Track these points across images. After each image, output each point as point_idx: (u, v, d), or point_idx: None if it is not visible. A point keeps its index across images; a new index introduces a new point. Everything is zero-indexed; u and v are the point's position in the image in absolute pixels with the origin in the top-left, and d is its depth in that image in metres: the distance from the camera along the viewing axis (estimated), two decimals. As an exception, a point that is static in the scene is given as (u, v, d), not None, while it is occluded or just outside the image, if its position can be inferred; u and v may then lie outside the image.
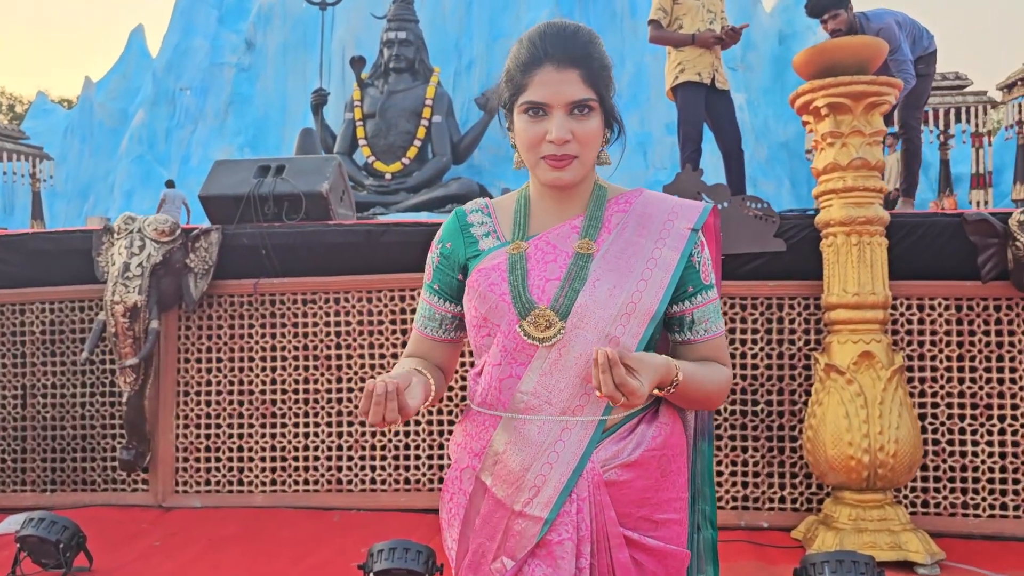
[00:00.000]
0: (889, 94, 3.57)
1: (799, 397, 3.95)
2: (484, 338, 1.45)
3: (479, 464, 1.44)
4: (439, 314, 1.56)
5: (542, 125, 1.38)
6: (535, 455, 1.38)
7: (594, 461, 1.38)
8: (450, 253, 1.53)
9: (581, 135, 1.38)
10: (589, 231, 1.44)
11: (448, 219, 1.57)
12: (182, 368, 4.44)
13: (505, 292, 1.40)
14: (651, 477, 1.41)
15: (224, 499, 4.38)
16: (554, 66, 1.37)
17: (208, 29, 17.10)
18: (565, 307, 1.38)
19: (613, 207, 1.48)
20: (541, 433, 1.39)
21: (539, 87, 1.38)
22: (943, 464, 3.86)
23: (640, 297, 1.40)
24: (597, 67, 1.40)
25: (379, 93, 12.73)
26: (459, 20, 15.78)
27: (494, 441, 1.42)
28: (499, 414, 1.42)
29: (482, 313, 1.43)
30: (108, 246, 4.24)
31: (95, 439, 4.52)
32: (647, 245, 1.44)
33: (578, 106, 1.37)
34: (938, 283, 3.86)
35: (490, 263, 1.45)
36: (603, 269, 1.40)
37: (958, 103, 14.57)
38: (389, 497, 4.26)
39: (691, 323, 1.47)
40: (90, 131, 17.57)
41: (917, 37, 5.16)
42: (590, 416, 1.39)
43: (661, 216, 1.47)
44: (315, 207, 4.49)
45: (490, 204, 1.57)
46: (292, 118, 15.58)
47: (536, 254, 1.44)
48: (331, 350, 4.34)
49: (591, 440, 1.38)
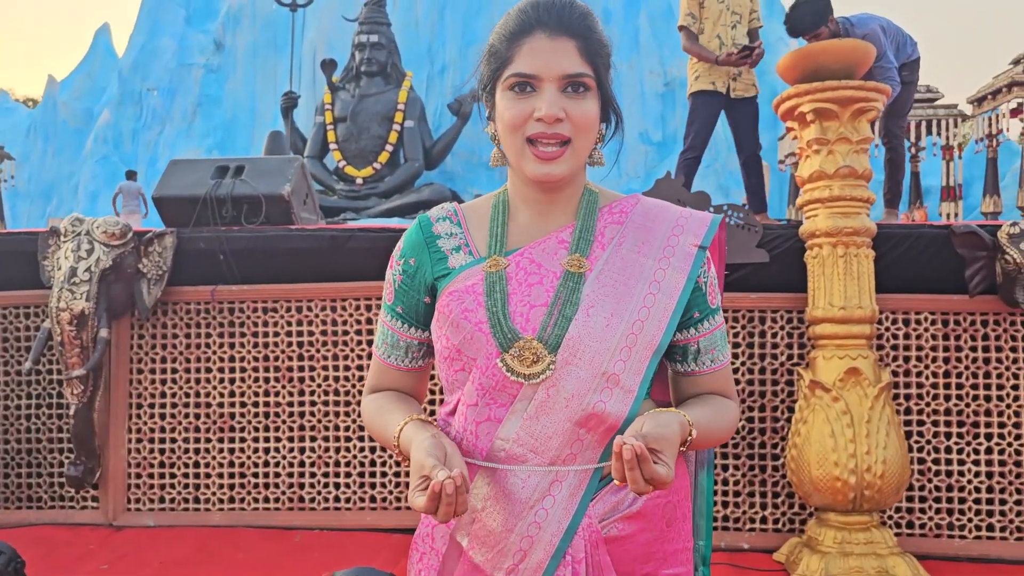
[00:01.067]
0: (877, 100, 3.44)
1: (782, 414, 3.81)
2: (457, 372, 1.23)
3: (455, 521, 1.21)
4: (404, 341, 1.33)
5: (529, 102, 1.17)
6: (520, 513, 1.16)
7: (591, 516, 1.17)
8: (414, 271, 1.29)
9: (576, 116, 1.17)
10: (580, 245, 1.22)
11: (410, 228, 1.33)
12: (135, 379, 4.20)
13: (482, 320, 1.19)
14: (656, 528, 1.22)
15: (179, 517, 4.14)
16: (547, 34, 1.17)
17: (176, 29, 16.79)
18: (555, 338, 1.16)
19: (606, 217, 1.27)
20: (527, 487, 1.17)
21: (528, 57, 1.17)
22: (928, 484, 3.73)
23: (642, 327, 1.19)
24: (596, 42, 1.19)
25: (350, 97, 12.54)
26: (432, 24, 15.63)
27: (471, 495, 1.19)
28: (476, 463, 1.19)
29: (455, 344, 1.21)
30: (55, 249, 4.00)
31: (41, 454, 4.27)
32: (648, 264, 1.23)
33: (573, 83, 1.17)
34: (925, 297, 3.74)
35: (463, 284, 1.23)
36: (598, 293, 1.19)
37: (929, 116, 14.62)
38: (353, 516, 4.05)
39: (696, 353, 1.27)
40: (54, 131, 17.19)
41: (901, 44, 5.07)
42: (584, 464, 1.17)
43: (664, 230, 1.26)
44: (276, 210, 4.28)
45: (459, 210, 1.33)
46: (261, 120, 15.33)
47: (518, 273, 1.22)
48: (293, 361, 4.12)
49: (586, 492, 1.17)
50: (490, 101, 1.25)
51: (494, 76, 1.22)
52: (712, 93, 5.20)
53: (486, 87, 1.25)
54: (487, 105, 1.26)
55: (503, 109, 1.20)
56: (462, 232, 1.29)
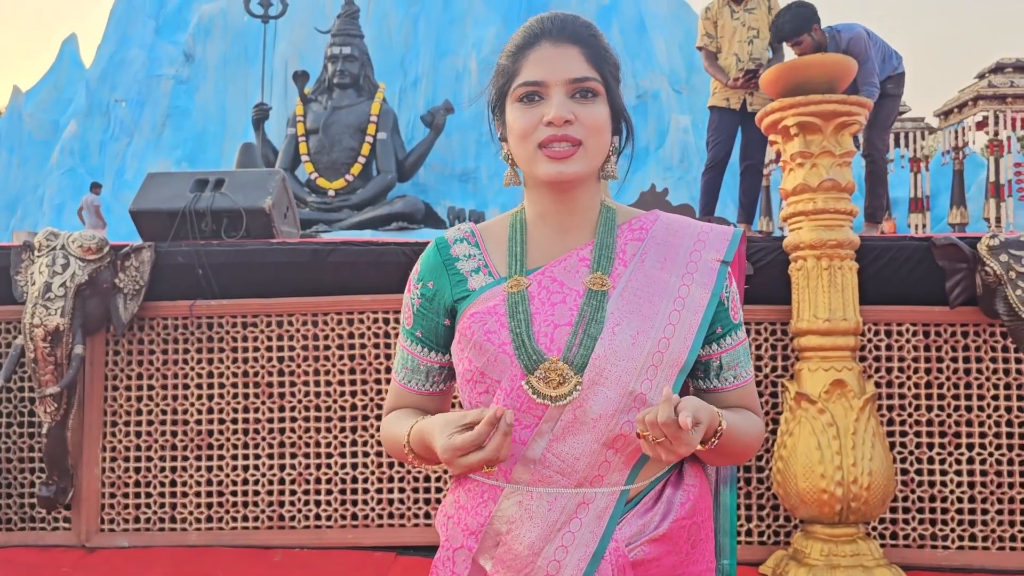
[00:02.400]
0: (859, 114, 3.47)
1: (767, 426, 3.81)
2: (481, 395, 1.21)
3: (476, 545, 1.19)
4: (424, 366, 1.31)
5: (538, 110, 1.17)
6: (547, 535, 1.15)
7: (617, 540, 1.15)
8: (433, 294, 1.28)
9: (586, 118, 1.16)
10: (601, 263, 1.21)
11: (427, 251, 1.31)
12: (109, 397, 4.11)
13: (506, 341, 1.17)
14: (681, 551, 1.20)
15: (155, 538, 4.05)
16: (551, 42, 1.18)
17: (145, 40, 16.63)
18: (581, 358, 1.15)
19: (626, 233, 1.26)
20: (553, 509, 1.15)
21: (533, 65, 1.18)
22: (912, 495, 3.75)
23: (668, 345, 1.17)
24: (601, 49, 1.20)
25: (323, 108, 12.49)
26: (405, 37, 15.63)
27: (495, 518, 1.18)
28: (501, 484, 1.18)
29: (478, 367, 1.19)
30: (28, 264, 3.90)
31: (11, 474, 4.15)
32: (672, 281, 1.21)
33: (580, 89, 1.17)
34: (906, 308, 3.77)
35: (484, 305, 1.21)
36: (623, 311, 1.18)
37: (897, 129, 14.89)
38: (335, 534, 3.98)
39: (719, 369, 1.25)
40: (18, 142, 16.91)
41: (887, 56, 5.13)
42: (611, 487, 1.16)
43: (686, 245, 1.25)
44: (257, 224, 4.22)
45: (476, 231, 1.31)
46: (232, 132, 15.21)
47: (540, 293, 1.20)
48: (273, 377, 4.06)
49: (613, 514, 1.16)
50: (500, 120, 1.25)
51: (502, 92, 1.22)
52: (726, 109, 5.36)
53: (495, 106, 1.25)
54: (497, 126, 1.26)
55: (513, 120, 1.19)
56: (480, 253, 1.28)
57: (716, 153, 5.38)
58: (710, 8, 5.44)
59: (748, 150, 5.42)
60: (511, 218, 1.31)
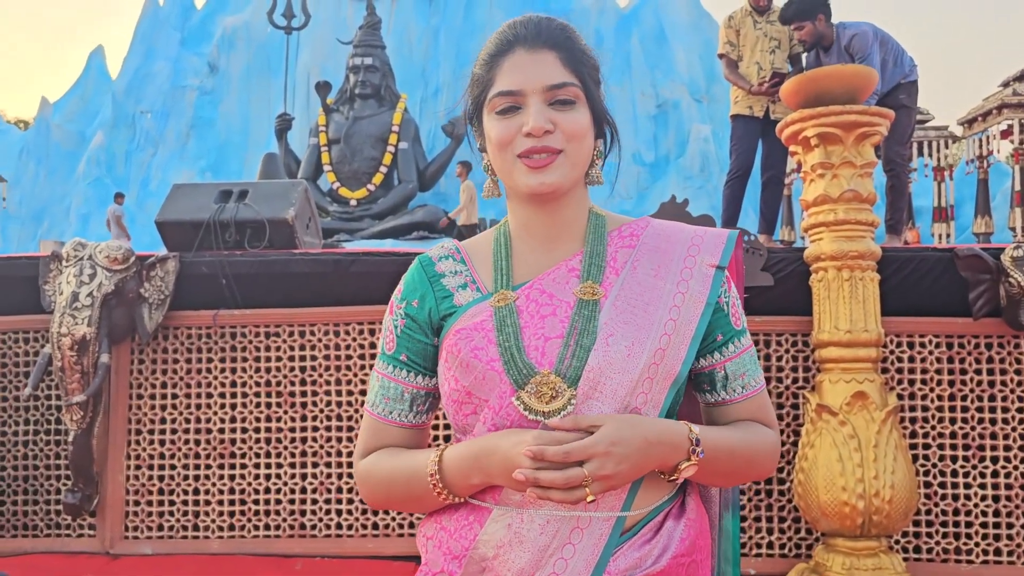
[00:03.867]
0: (881, 125, 3.46)
1: (788, 438, 3.79)
2: (467, 416, 1.15)
3: (459, 570, 1.10)
4: (409, 392, 1.23)
5: (516, 120, 1.12)
6: (537, 562, 1.06)
7: (611, 573, 1.07)
8: (417, 312, 1.21)
9: (566, 126, 1.12)
10: (592, 272, 1.16)
11: (411, 269, 1.26)
12: (134, 405, 4.16)
13: (494, 357, 1.11)
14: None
15: (178, 545, 4.09)
16: (526, 49, 1.13)
17: (170, 51, 16.86)
18: (574, 370, 1.09)
19: (617, 241, 1.21)
20: (545, 533, 1.07)
21: (509, 74, 1.13)
22: (935, 508, 3.71)
23: (664, 355, 1.12)
24: (579, 52, 1.15)
25: (344, 119, 12.58)
26: (426, 47, 15.73)
27: (481, 542, 1.09)
28: (488, 506, 1.11)
29: (464, 386, 1.13)
30: (56, 274, 3.96)
31: (38, 481, 4.21)
32: (666, 288, 1.16)
33: (559, 97, 1.12)
34: (929, 320, 3.74)
35: (471, 321, 1.16)
36: (616, 320, 1.12)
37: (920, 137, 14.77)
38: (355, 543, 4.00)
39: (724, 379, 1.19)
40: (46, 153, 17.19)
41: (898, 58, 5.10)
42: (607, 512, 1.08)
43: (679, 251, 1.20)
44: (279, 234, 4.26)
45: (461, 248, 1.27)
46: (255, 143, 15.36)
47: (529, 305, 1.15)
48: (295, 386, 4.09)
49: (608, 543, 1.08)
50: (479, 130, 1.21)
51: (479, 102, 1.18)
52: (749, 118, 5.38)
53: (472, 117, 1.21)
54: (476, 135, 1.22)
55: (490, 130, 1.16)
56: (467, 269, 1.24)
57: (740, 162, 5.37)
58: (733, 17, 5.46)
59: (769, 160, 5.42)
60: (495, 232, 1.27)
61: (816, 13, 4.92)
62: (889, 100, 5.04)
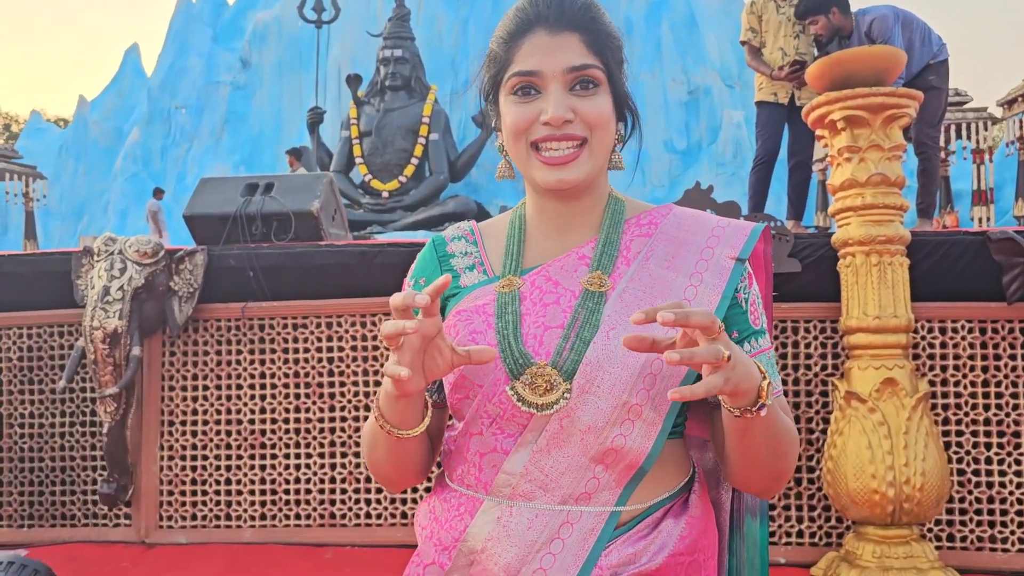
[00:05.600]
0: (909, 106, 3.39)
1: (817, 426, 3.75)
2: (462, 401, 1.11)
3: (449, 563, 1.08)
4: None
5: (534, 105, 1.07)
6: (524, 556, 1.03)
7: (602, 567, 1.03)
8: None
9: (588, 112, 1.06)
10: (603, 262, 1.11)
11: (423, 249, 1.24)
12: (166, 397, 4.22)
13: (491, 343, 1.07)
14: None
15: (211, 534, 4.15)
16: (547, 29, 1.07)
17: (203, 47, 17.04)
18: (571, 363, 1.04)
19: (633, 229, 1.15)
20: (533, 528, 1.04)
21: (528, 55, 1.07)
22: (969, 496, 3.65)
23: None
24: (603, 34, 1.10)
25: (375, 111, 12.62)
26: (455, 38, 15.71)
27: (469, 535, 1.07)
28: (479, 496, 1.08)
29: (460, 370, 1.08)
30: (88, 268, 4.04)
31: (74, 472, 4.30)
32: (679, 281, 1.09)
33: (580, 79, 1.06)
34: (961, 305, 3.67)
35: (472, 303, 1.12)
36: (621, 313, 1.06)
37: (958, 119, 14.51)
38: (385, 532, 4.04)
39: None
40: (84, 150, 17.49)
41: (925, 39, 4.98)
42: (600, 507, 1.05)
43: (698, 242, 1.13)
44: (305, 227, 4.30)
45: (476, 229, 1.24)
46: (287, 136, 15.48)
47: (533, 293, 1.11)
48: (323, 377, 4.13)
49: (600, 538, 1.04)
50: (494, 110, 1.16)
51: (495, 82, 1.13)
52: (773, 104, 5.33)
53: (488, 96, 1.16)
54: (492, 116, 1.17)
55: (506, 114, 1.10)
56: (477, 251, 1.21)
57: (765, 149, 5.33)
58: (755, 2, 5.39)
59: (796, 145, 5.36)
60: (511, 215, 1.23)
61: (829, 7, 4.84)
62: (918, 81, 4.93)
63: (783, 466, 1.08)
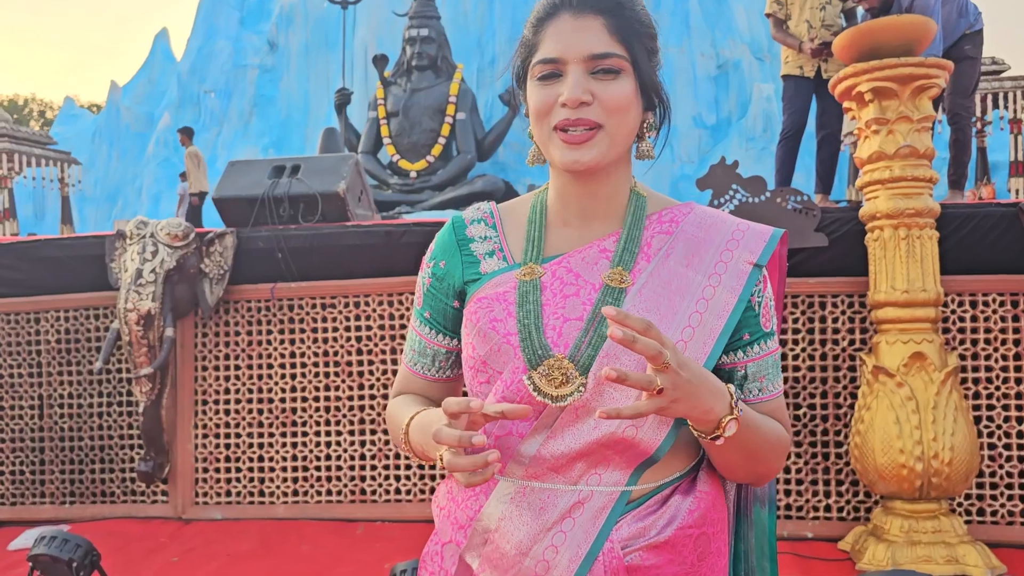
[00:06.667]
0: (938, 76, 3.34)
1: (844, 400, 3.74)
2: (482, 385, 1.13)
3: (465, 540, 1.11)
4: (431, 349, 1.24)
5: (555, 88, 1.07)
6: (537, 535, 1.06)
7: (613, 540, 1.05)
8: (444, 274, 1.20)
9: (605, 98, 1.06)
10: (624, 257, 1.11)
11: (443, 229, 1.25)
12: (199, 376, 4.31)
13: (512, 331, 1.09)
14: (686, 562, 1.08)
15: (245, 511, 4.24)
16: (571, 13, 1.08)
17: (231, 31, 17.12)
18: (588, 358, 1.06)
19: (655, 225, 1.16)
20: (547, 507, 1.07)
21: (551, 40, 1.08)
22: (1000, 470, 3.62)
23: (684, 349, 1.07)
24: (629, 18, 1.09)
25: (402, 91, 12.61)
26: (481, 16, 15.63)
27: (484, 514, 1.09)
28: (496, 477, 1.10)
29: (481, 355, 1.11)
30: (121, 252, 4.11)
31: (113, 450, 4.41)
32: (697, 280, 1.11)
33: (602, 66, 1.06)
34: (992, 278, 3.63)
35: (493, 291, 1.13)
36: (640, 310, 1.08)
37: (995, 88, 14.17)
38: (415, 508, 4.10)
39: (744, 379, 1.14)
40: (117, 135, 17.71)
41: (962, 9, 4.89)
42: (611, 486, 1.07)
43: (717, 243, 1.14)
44: (332, 208, 4.34)
45: (496, 212, 1.23)
46: (315, 118, 15.54)
47: (553, 284, 1.12)
48: (352, 356, 4.18)
49: (611, 514, 1.06)
50: (524, 94, 1.16)
51: (524, 67, 1.14)
52: (799, 78, 5.27)
53: (519, 80, 1.17)
54: (524, 100, 1.17)
55: (530, 97, 1.11)
56: (497, 236, 1.20)
57: (792, 123, 5.27)
58: None
59: (824, 119, 5.29)
60: (533, 199, 1.23)
61: None
62: (954, 52, 4.84)
63: (763, 470, 1.13)
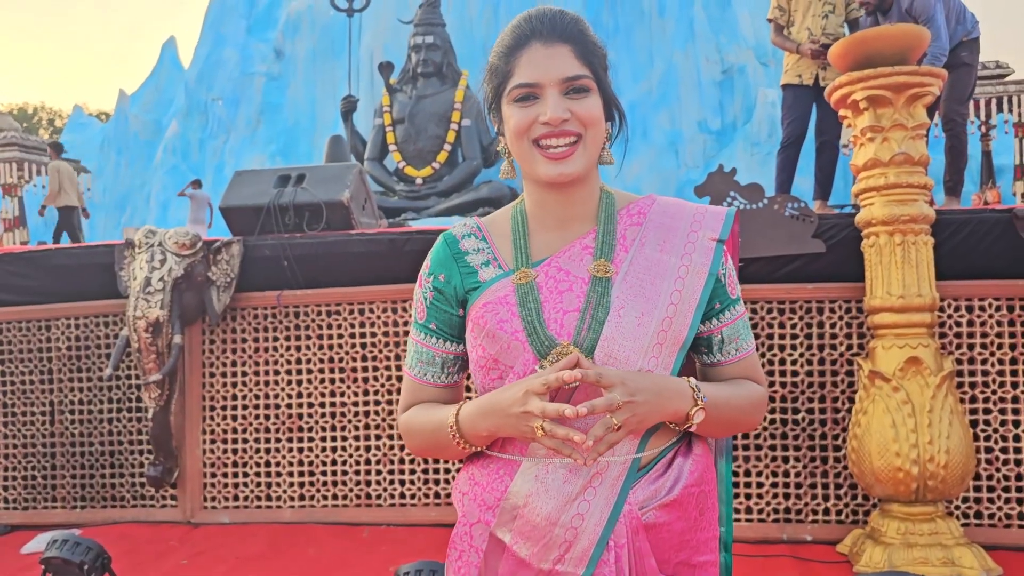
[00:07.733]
0: (932, 85, 3.39)
1: (842, 405, 3.78)
2: (494, 381, 1.27)
3: (493, 519, 1.24)
4: (439, 357, 1.35)
5: (534, 109, 1.22)
6: (564, 505, 1.20)
7: (631, 503, 1.21)
8: (444, 286, 1.32)
9: (582, 113, 1.21)
10: (604, 250, 1.26)
11: (436, 246, 1.37)
12: (207, 383, 4.38)
13: (518, 329, 1.23)
14: (690, 517, 1.26)
15: (252, 515, 4.31)
16: (542, 43, 1.22)
17: (238, 39, 17.22)
18: (590, 341, 1.21)
19: (625, 219, 1.31)
20: (568, 482, 1.21)
21: (527, 67, 1.22)
22: (996, 473, 3.66)
23: (671, 324, 1.24)
24: (590, 44, 1.25)
25: (408, 98, 12.67)
26: (486, 23, 15.71)
27: (511, 492, 1.23)
28: (517, 458, 1.24)
29: (491, 354, 1.25)
30: (130, 260, 4.19)
31: (123, 455, 4.48)
32: (672, 262, 1.27)
33: (574, 87, 1.21)
34: (988, 283, 3.67)
35: (495, 296, 1.27)
36: (627, 294, 1.24)
37: (999, 92, 14.18)
38: (419, 512, 4.16)
39: (721, 343, 1.31)
40: (125, 143, 17.81)
41: (960, 16, 4.93)
42: (624, 455, 1.22)
43: (683, 227, 1.30)
44: (336, 216, 4.41)
45: (482, 226, 1.37)
46: (322, 125, 15.63)
47: (547, 282, 1.26)
48: (357, 362, 4.25)
49: (626, 480, 1.22)
50: (496, 117, 1.31)
51: (498, 92, 1.27)
52: (798, 87, 5.32)
53: (491, 105, 1.30)
54: (494, 122, 1.32)
55: (508, 117, 1.25)
56: (488, 247, 1.33)
57: (792, 131, 5.33)
58: None
59: (823, 125, 5.35)
60: (511, 211, 1.36)
61: None
62: (950, 58, 4.88)
63: (743, 428, 1.34)
